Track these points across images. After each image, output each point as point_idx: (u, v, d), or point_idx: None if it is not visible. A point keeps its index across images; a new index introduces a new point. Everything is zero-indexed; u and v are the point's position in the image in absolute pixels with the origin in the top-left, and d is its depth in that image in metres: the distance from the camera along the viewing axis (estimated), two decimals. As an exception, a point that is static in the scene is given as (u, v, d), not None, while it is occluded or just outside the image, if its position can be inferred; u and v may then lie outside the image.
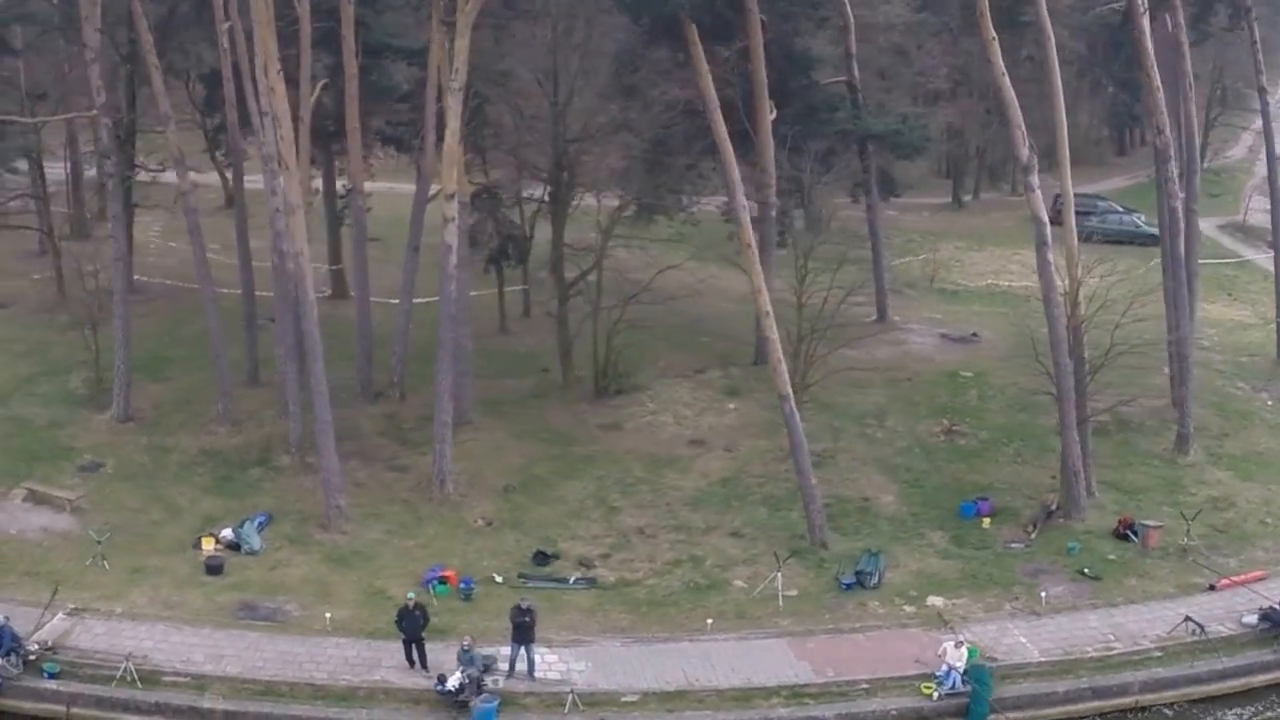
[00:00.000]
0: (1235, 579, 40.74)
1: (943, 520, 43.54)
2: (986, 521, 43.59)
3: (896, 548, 41.82)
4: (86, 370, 47.97)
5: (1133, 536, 42.83)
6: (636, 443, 46.74)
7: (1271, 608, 38.75)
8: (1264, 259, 72.20)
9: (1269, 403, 53.53)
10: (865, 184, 56.73)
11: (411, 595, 35.73)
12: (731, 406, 48.74)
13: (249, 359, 48.72)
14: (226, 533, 40.55)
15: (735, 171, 40.57)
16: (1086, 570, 41.03)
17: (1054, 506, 43.90)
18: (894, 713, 35.09)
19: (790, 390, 41.13)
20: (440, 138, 43.27)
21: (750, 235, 40.35)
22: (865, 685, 35.57)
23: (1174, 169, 48.01)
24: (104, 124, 44.54)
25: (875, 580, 39.86)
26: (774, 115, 50.59)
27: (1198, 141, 54.59)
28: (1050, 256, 42.95)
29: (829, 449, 46.96)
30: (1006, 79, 41.35)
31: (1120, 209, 75.89)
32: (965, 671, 35.37)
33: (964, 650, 35.67)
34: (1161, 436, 49.02)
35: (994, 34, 41.05)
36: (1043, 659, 36.92)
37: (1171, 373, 50.76)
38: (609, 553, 40.93)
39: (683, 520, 42.60)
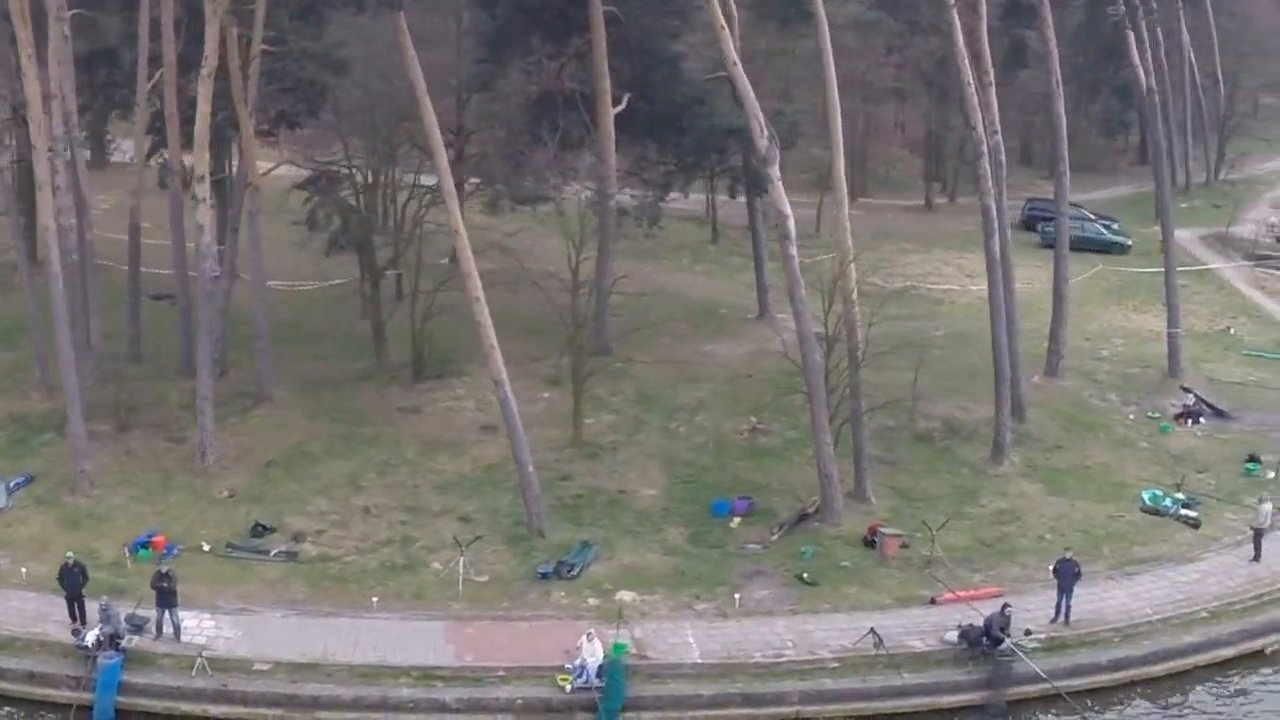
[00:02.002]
0: (960, 594, 39.05)
1: (694, 518, 42.77)
2: (736, 521, 42.67)
3: (625, 541, 41.26)
4: (-66, 338, 50.63)
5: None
6: (428, 427, 46.97)
7: (971, 625, 37.10)
8: (1230, 268, 69.24)
9: (1129, 417, 51.17)
10: (743, 179, 55.80)
11: (70, 554, 36.77)
12: (545, 395, 48.63)
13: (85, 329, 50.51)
14: (-21, 491, 42.47)
15: (444, 158, 40.48)
16: (805, 576, 39.84)
17: (811, 510, 42.81)
18: (520, 701, 34.74)
19: (505, 376, 40.96)
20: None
21: (459, 222, 40.26)
22: (502, 673, 35.25)
23: (988, 166, 46.01)
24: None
25: (575, 571, 39.41)
26: (621, 108, 50.48)
27: (1065, 141, 52.07)
28: (793, 251, 41.78)
29: (618, 441, 46.68)
30: (739, 68, 40.36)
31: (1091, 216, 73.09)
32: (600, 666, 34.95)
33: (597, 644, 35.11)
34: (990, 445, 47.20)
35: (724, 23, 40.12)
36: (700, 661, 36.07)
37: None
38: (326, 529, 41.27)
39: (422, 503, 42.72)
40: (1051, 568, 38.92)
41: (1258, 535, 42.47)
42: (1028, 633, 37.43)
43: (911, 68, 68.92)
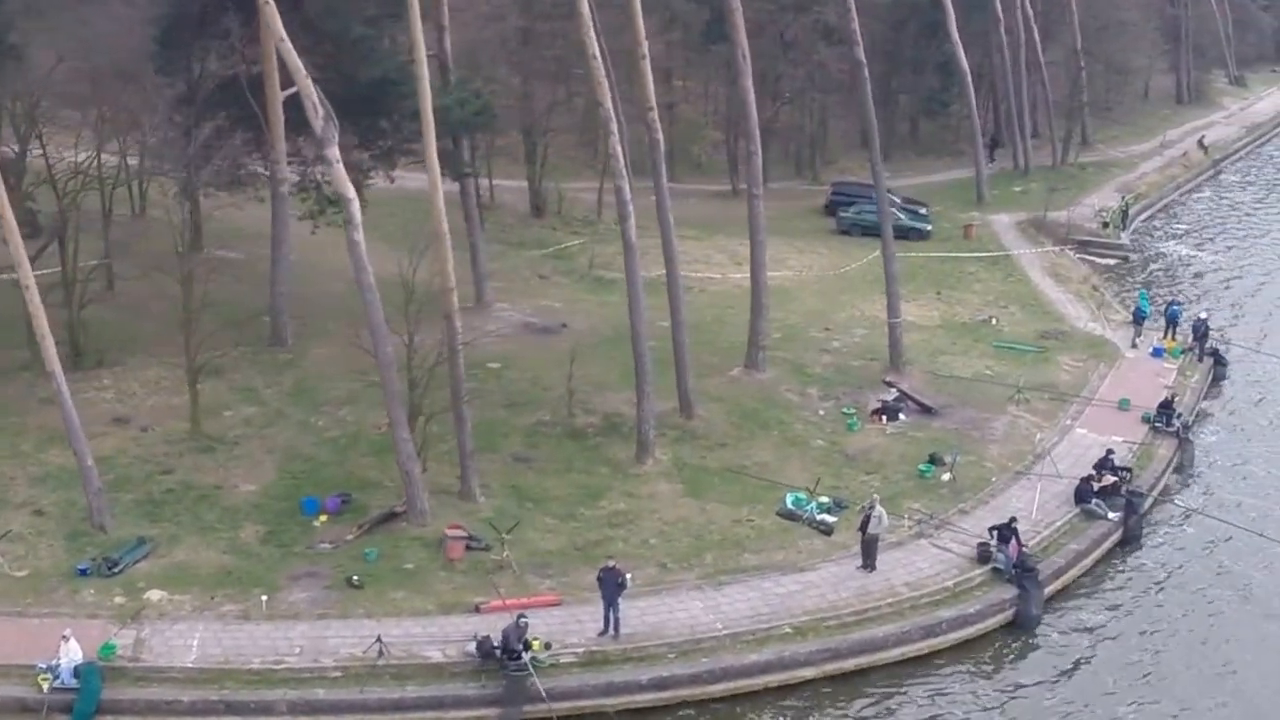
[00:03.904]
0: (510, 602, 37.17)
1: (281, 515, 41.02)
2: (323, 519, 41.02)
3: (193, 538, 39.67)
4: None
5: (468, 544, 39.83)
6: (61, 418, 45.65)
7: (487, 637, 35.29)
8: (1029, 254, 66.31)
9: (819, 413, 48.83)
10: (455, 162, 53.88)
11: None
12: (199, 387, 47.13)
13: None
14: None
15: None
16: (355, 579, 38.21)
17: (401, 509, 41.17)
18: (-6, 701, 33.67)
19: (59, 367, 39.66)
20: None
21: (5, 205, 38.93)
22: (-16, 670, 34.27)
23: (617, 144, 43.94)
24: None
25: (118, 569, 38.04)
26: (293, 90, 48.94)
27: (755, 121, 49.76)
28: (358, 237, 39.84)
29: (246, 434, 45.21)
30: (287, 44, 38.67)
31: (897, 200, 70.31)
32: (75, 668, 33.71)
33: (74, 645, 33.76)
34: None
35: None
36: (192, 666, 34.51)
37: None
38: (-108, 525, 40.40)
39: (7, 495, 41.16)
40: (596, 577, 37.01)
41: (868, 543, 40.19)
42: (547, 646, 35.56)
43: (692, 45, 66.51)
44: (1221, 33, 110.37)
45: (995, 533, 41.33)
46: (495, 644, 35.07)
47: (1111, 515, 44.40)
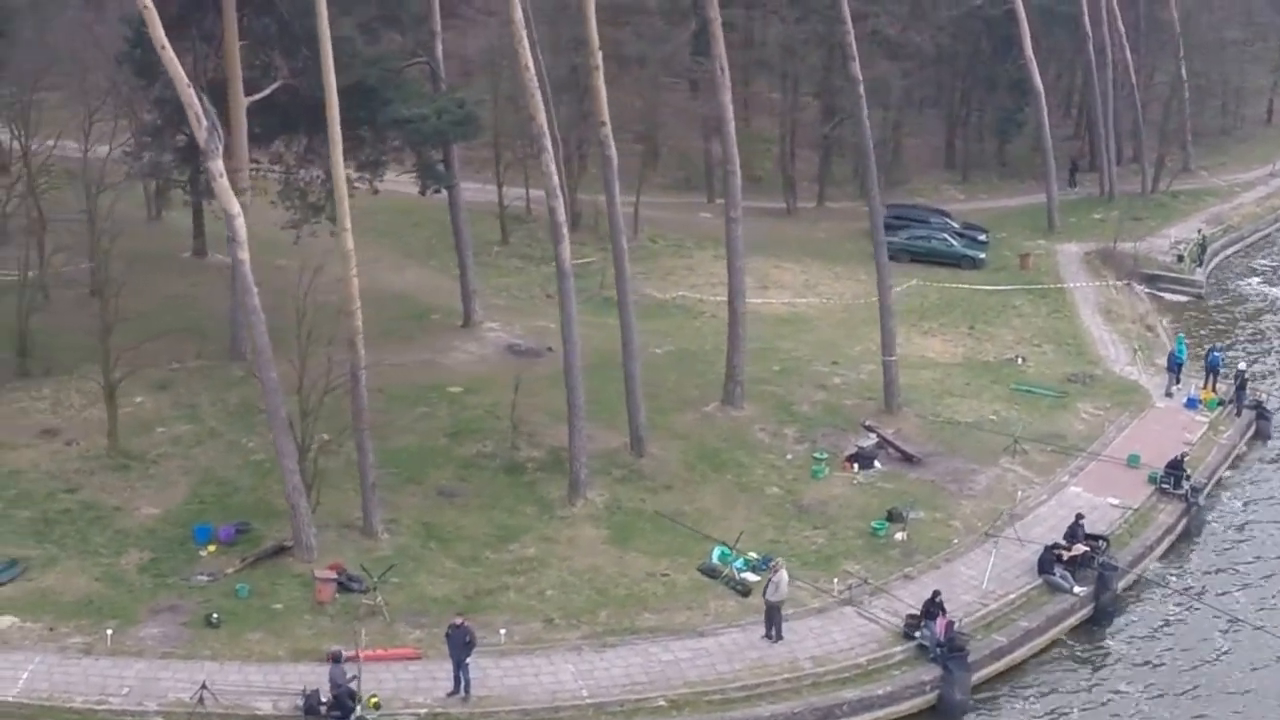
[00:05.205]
0: (366, 653, 34.69)
1: (173, 542, 39.43)
2: (211, 549, 39.29)
3: (72, 562, 38.18)
4: None
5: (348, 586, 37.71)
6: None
7: (315, 691, 33.09)
8: (1086, 288, 61.20)
9: (788, 457, 45.45)
10: (433, 173, 51.64)
11: None
12: (139, 400, 45.80)
13: None
14: None
15: None
16: (214, 617, 36.26)
17: (289, 543, 39.22)
18: None
19: None
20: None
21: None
22: None
23: (551, 162, 41.06)
24: None
25: (-20, 591, 37.08)
26: (262, 95, 47.57)
27: (733, 139, 46.42)
28: (243, 255, 37.72)
29: (170, 453, 43.78)
30: (168, 52, 36.70)
31: (955, 225, 65.87)
32: None
33: None
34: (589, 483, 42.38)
35: (148, 3, 36.66)
36: (12, 700, 32.84)
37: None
38: None
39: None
40: (445, 634, 34.41)
41: (771, 610, 36.76)
42: (377, 706, 33.24)
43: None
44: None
45: (923, 608, 37.52)
46: (322, 699, 32.96)
47: (1078, 590, 40.12)
